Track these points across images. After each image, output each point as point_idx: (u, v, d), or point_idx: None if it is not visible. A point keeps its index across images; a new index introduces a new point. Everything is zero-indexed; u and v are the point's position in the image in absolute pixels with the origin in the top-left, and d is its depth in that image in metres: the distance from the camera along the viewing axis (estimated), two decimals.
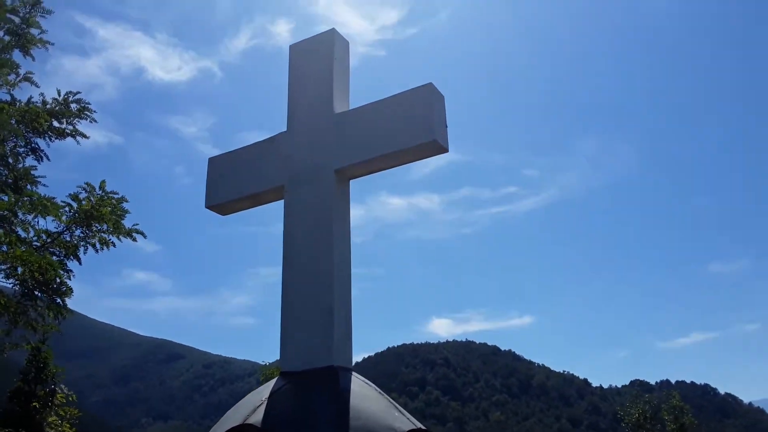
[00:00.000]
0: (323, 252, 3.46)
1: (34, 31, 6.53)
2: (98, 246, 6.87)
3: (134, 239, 7.19)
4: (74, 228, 6.64)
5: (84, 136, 6.97)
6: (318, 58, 3.92)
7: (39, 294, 5.99)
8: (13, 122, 6.25)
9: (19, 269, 5.65)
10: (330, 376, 3.16)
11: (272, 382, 3.33)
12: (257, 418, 2.91)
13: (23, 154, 6.47)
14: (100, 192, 6.97)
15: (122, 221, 7.03)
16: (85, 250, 6.73)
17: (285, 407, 2.97)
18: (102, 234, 6.82)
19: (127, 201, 7.11)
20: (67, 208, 6.78)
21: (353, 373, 3.29)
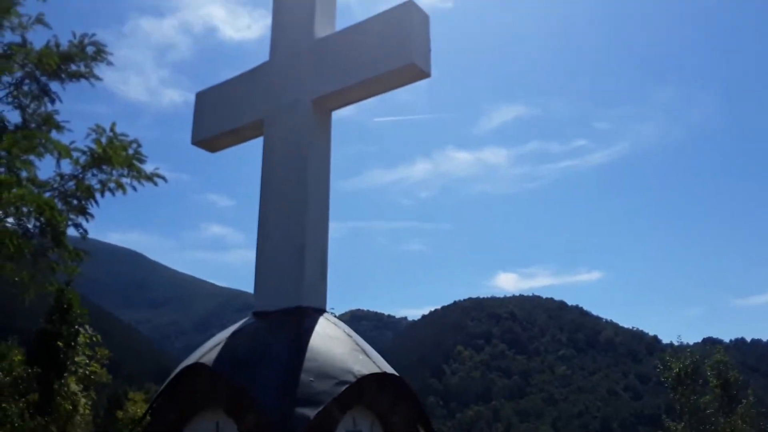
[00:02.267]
0: (297, 188, 3.25)
1: None
2: (113, 188, 6.91)
3: (155, 183, 7.22)
4: (86, 171, 6.68)
5: (97, 78, 6.97)
6: None
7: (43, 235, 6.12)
8: (24, 65, 6.32)
9: (25, 209, 5.72)
10: (295, 317, 2.99)
11: (241, 322, 3.20)
12: (210, 357, 2.78)
13: (37, 95, 6.53)
14: (110, 134, 6.97)
15: (141, 165, 7.05)
16: (102, 193, 6.79)
17: (241, 347, 2.83)
18: (122, 178, 6.87)
19: (140, 145, 7.10)
20: (80, 152, 6.81)
21: (325, 314, 3.11)
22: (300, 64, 3.47)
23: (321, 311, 3.12)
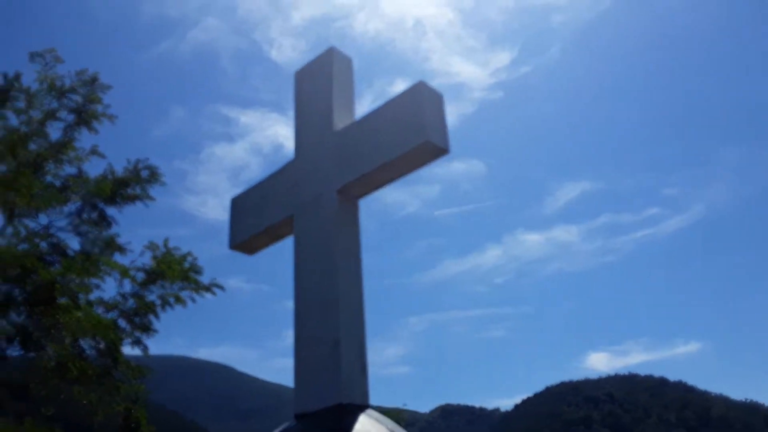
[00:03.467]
0: (328, 280, 3.18)
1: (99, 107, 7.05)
2: (172, 302, 7.08)
3: (214, 293, 7.37)
4: (144, 288, 6.89)
5: (150, 198, 7.33)
6: (318, 79, 3.74)
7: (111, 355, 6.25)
8: (83, 195, 6.74)
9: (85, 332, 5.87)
10: (335, 416, 2.83)
11: (282, 426, 3.06)
12: None
13: (96, 221, 6.90)
14: (163, 249, 7.22)
15: (198, 276, 7.21)
16: (163, 308, 6.96)
17: None
18: (181, 291, 7.03)
19: (195, 258, 7.31)
20: (136, 271, 7.05)
21: (367, 411, 2.93)
22: (322, 156, 3.49)
23: (363, 408, 2.94)
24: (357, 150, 3.30)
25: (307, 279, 3.32)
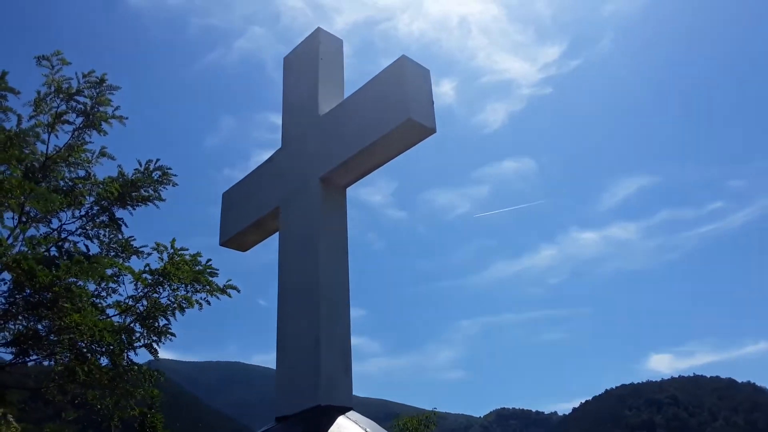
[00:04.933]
0: (310, 275, 2.96)
1: (108, 109, 7.06)
2: (184, 304, 6.99)
3: (230, 296, 7.24)
4: (151, 290, 6.83)
5: (161, 199, 7.27)
6: (304, 63, 3.54)
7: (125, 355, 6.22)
8: (97, 197, 6.75)
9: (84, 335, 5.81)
10: (311, 419, 2.61)
11: (261, 429, 2.85)
12: None
13: (107, 224, 6.89)
14: (171, 250, 7.14)
15: (212, 278, 7.11)
16: (173, 312, 6.88)
17: None
18: (196, 293, 6.96)
19: (209, 259, 7.22)
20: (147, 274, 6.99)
21: (348, 413, 2.70)
22: (307, 143, 3.28)
23: (344, 410, 2.71)
24: (340, 134, 3.08)
25: (290, 273, 3.11)
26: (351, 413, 2.70)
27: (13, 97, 6.61)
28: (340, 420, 2.60)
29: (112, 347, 6.14)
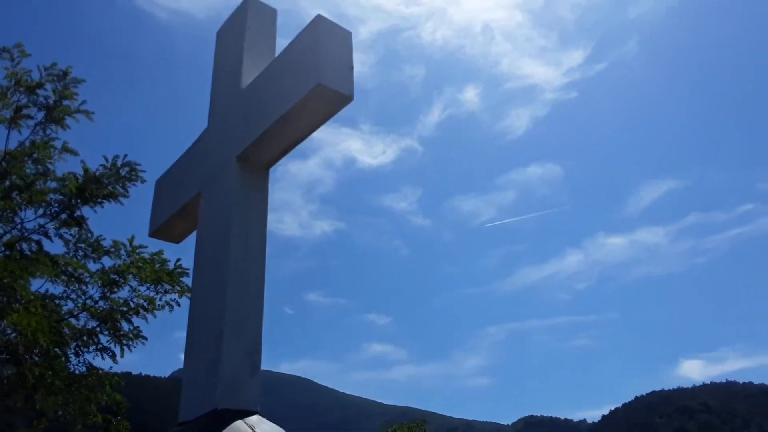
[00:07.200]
0: (220, 263, 2.65)
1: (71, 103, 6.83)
2: (146, 305, 6.73)
3: None
4: (110, 291, 6.58)
5: (125, 195, 7.00)
6: (231, 35, 3.23)
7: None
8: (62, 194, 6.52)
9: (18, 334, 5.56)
10: (205, 425, 2.29)
11: None
12: None
13: (67, 221, 6.64)
14: (129, 248, 6.88)
15: (181, 278, 6.83)
16: (135, 313, 6.61)
17: None
18: (166, 294, 6.71)
19: (162, 254, 6.95)
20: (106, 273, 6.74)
21: (249, 418, 2.37)
22: (227, 121, 2.98)
23: (244, 413, 2.38)
24: (257, 107, 2.76)
25: (203, 263, 2.80)
26: (253, 418, 2.38)
27: None
28: (236, 425, 2.28)
29: (48, 350, 5.88)
